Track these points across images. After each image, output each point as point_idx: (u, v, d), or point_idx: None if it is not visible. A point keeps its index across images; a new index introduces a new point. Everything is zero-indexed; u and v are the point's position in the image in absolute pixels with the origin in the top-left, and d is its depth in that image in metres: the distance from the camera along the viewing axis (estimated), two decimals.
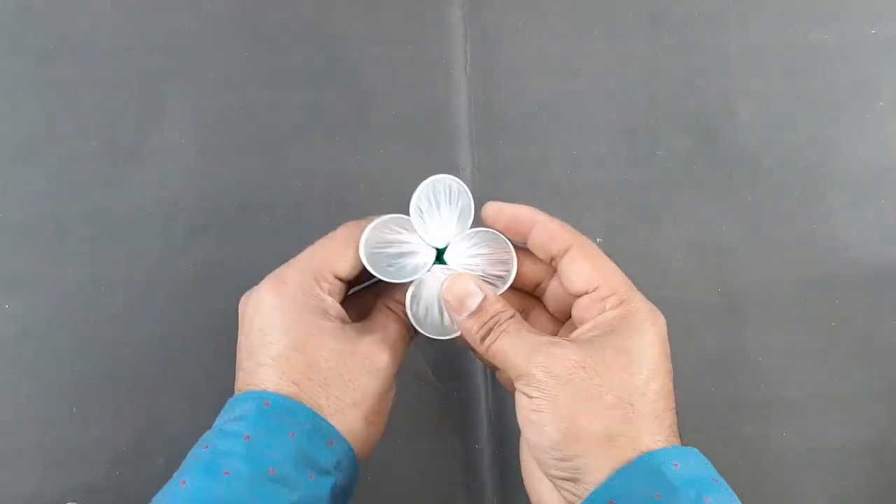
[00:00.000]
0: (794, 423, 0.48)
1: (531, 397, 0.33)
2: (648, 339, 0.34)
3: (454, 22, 0.50)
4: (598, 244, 0.48)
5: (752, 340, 0.48)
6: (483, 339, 0.35)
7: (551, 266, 0.37)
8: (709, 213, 0.49)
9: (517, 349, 0.34)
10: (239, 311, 0.38)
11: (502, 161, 0.49)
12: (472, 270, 0.38)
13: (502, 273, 0.38)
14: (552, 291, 0.39)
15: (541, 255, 0.37)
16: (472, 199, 0.38)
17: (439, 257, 0.38)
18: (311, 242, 0.46)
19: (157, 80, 0.49)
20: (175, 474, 0.34)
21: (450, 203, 0.38)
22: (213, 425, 0.35)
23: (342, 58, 0.49)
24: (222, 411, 0.35)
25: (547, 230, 0.36)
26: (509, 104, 0.50)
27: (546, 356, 0.33)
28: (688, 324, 0.48)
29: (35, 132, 0.48)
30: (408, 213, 0.38)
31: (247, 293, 0.37)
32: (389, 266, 0.37)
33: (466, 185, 0.38)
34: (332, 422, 0.34)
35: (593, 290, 0.35)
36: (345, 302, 0.38)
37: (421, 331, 0.38)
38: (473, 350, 0.37)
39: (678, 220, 0.49)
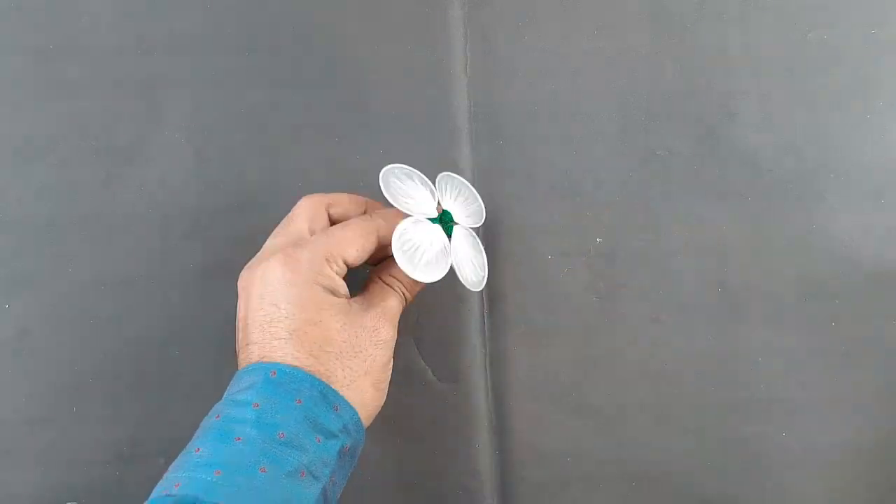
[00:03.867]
0: (794, 423, 0.48)
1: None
2: None
3: (454, 22, 0.50)
4: (598, 244, 0.49)
5: (752, 340, 0.48)
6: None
7: None
8: (709, 213, 0.49)
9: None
10: (240, 285, 0.39)
11: (502, 161, 0.49)
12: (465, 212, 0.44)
13: (477, 209, 0.45)
14: None
15: None
16: (417, 173, 0.43)
17: (444, 222, 0.42)
18: None
19: (157, 80, 0.49)
20: (188, 444, 0.35)
21: (418, 183, 0.43)
22: (223, 397, 0.37)
23: (342, 58, 0.49)
24: (231, 384, 0.37)
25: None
26: (509, 104, 0.50)
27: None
28: (688, 324, 0.48)
29: (35, 132, 0.48)
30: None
31: (248, 267, 0.39)
32: (423, 266, 0.39)
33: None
34: (344, 392, 0.36)
35: None
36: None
37: (405, 264, 0.38)
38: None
39: (678, 220, 0.49)
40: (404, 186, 0.41)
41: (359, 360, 0.37)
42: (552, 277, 0.48)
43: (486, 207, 0.49)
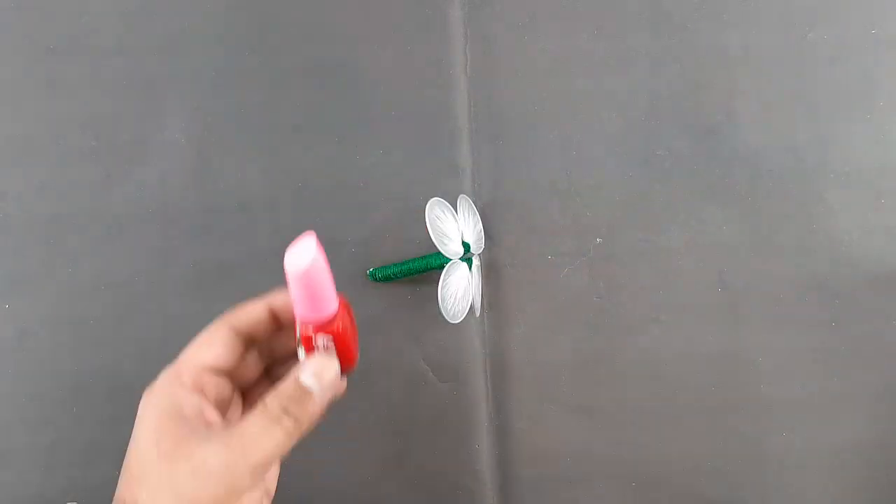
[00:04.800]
0: (794, 423, 0.48)
1: None
2: None
3: (454, 22, 0.50)
4: (598, 244, 0.49)
5: (752, 340, 0.48)
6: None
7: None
8: (709, 213, 0.49)
9: None
10: None
11: (502, 161, 0.49)
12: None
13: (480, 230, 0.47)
14: None
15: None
16: (446, 205, 0.44)
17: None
18: None
19: (157, 80, 0.49)
20: None
21: (454, 220, 0.45)
22: None
23: (342, 58, 0.49)
24: None
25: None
26: (509, 104, 0.50)
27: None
28: (688, 324, 0.48)
29: (35, 132, 0.48)
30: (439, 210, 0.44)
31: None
32: (456, 308, 0.43)
33: (466, 185, 0.38)
34: None
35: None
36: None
37: (442, 310, 0.42)
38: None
39: (678, 220, 0.49)
40: (442, 226, 0.43)
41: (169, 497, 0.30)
42: (552, 277, 0.48)
43: (485, 207, 0.49)
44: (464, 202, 0.46)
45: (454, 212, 0.44)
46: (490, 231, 0.48)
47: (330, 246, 0.38)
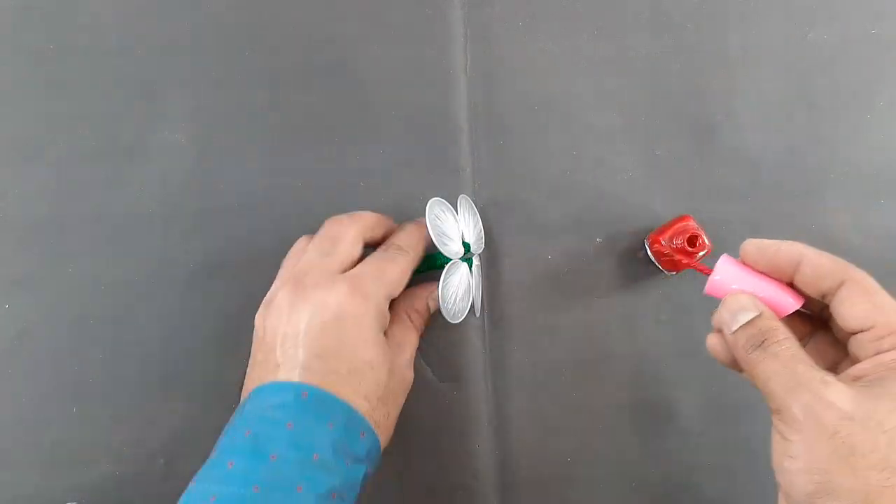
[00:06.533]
0: None
1: (787, 440, 0.30)
2: None
3: (454, 22, 0.50)
4: (598, 244, 0.49)
5: None
6: (750, 351, 0.33)
7: (824, 302, 0.34)
8: (709, 213, 0.49)
9: (781, 377, 0.31)
10: (290, 298, 0.38)
11: (502, 161, 0.49)
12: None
13: (480, 231, 0.46)
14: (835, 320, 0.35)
15: (811, 293, 0.34)
16: (448, 206, 0.44)
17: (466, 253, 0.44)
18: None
19: (157, 80, 0.49)
20: (214, 454, 0.35)
21: (455, 219, 0.44)
22: (243, 410, 0.36)
23: (342, 58, 0.49)
24: (251, 397, 0.36)
25: (814, 267, 0.33)
26: (509, 104, 0.50)
27: (812, 396, 0.30)
28: (688, 323, 0.48)
29: (35, 132, 0.48)
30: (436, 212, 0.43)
31: (300, 283, 0.38)
32: (456, 308, 0.43)
33: (467, 185, 0.38)
34: (367, 417, 0.37)
35: (869, 329, 0.32)
36: None
37: (443, 310, 0.42)
38: (737, 368, 0.35)
39: None
40: (443, 226, 0.43)
41: (394, 405, 0.40)
42: (552, 277, 0.48)
43: (485, 207, 0.49)
44: (464, 202, 0.45)
45: (454, 212, 0.44)
46: (490, 231, 0.48)
47: None
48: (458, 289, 0.43)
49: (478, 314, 0.47)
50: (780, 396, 0.31)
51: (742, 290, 0.35)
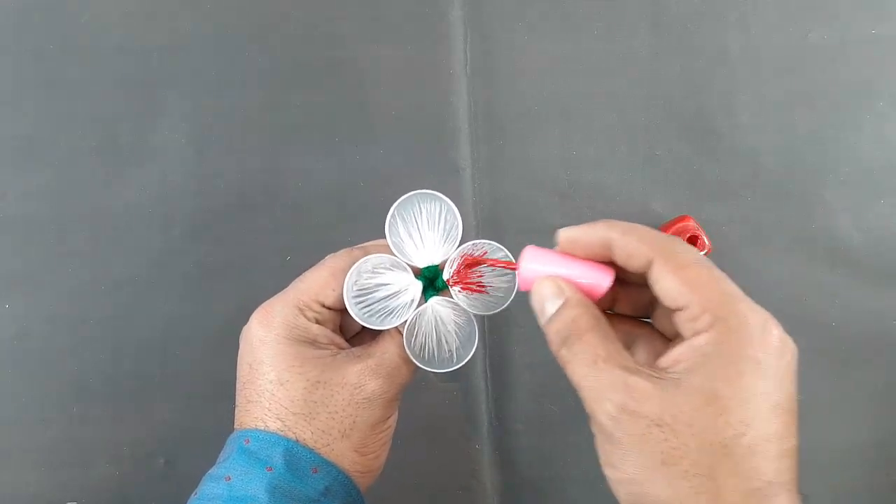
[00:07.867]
0: None
1: (602, 448, 0.28)
2: (751, 377, 0.26)
3: (454, 22, 0.50)
4: None
5: None
6: (559, 348, 0.30)
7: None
8: (709, 213, 0.49)
9: (588, 381, 0.29)
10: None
11: (502, 161, 0.49)
12: (474, 292, 0.35)
13: (508, 283, 0.35)
14: (657, 313, 0.32)
15: (631, 277, 0.31)
16: (456, 213, 0.35)
17: (433, 283, 0.35)
18: (311, 242, 0.46)
19: (157, 80, 0.49)
20: None
21: (430, 224, 0.35)
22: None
23: (342, 58, 0.49)
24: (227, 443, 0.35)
25: (621, 248, 0.30)
26: (509, 104, 0.50)
27: (616, 404, 0.27)
28: None
29: (35, 132, 0.48)
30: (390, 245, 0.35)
31: (245, 327, 0.36)
32: (379, 313, 0.34)
33: (466, 185, 0.37)
34: (323, 452, 0.32)
35: (684, 308, 0.28)
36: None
37: (421, 366, 0.35)
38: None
39: None
40: (415, 221, 0.36)
41: (334, 422, 0.32)
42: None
43: (486, 207, 0.49)
44: (425, 199, 0.36)
45: (456, 214, 0.35)
46: (490, 231, 0.48)
47: (330, 246, 0.38)
48: (429, 335, 0.35)
49: (461, 363, 0.36)
50: (589, 403, 0.29)
51: (549, 277, 0.32)
